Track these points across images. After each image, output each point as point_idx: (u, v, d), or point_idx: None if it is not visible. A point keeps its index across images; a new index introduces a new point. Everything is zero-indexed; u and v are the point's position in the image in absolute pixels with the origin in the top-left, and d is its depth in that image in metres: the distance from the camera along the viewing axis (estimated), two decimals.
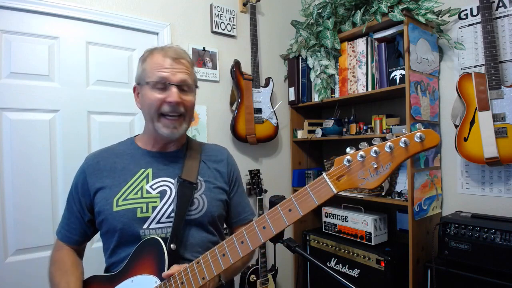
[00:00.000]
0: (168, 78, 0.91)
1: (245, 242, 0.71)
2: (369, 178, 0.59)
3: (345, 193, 2.11)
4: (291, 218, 0.66)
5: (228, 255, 0.74)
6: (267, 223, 0.69)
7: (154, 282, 0.84)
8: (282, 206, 0.67)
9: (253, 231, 0.71)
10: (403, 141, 0.57)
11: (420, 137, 0.55)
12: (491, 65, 1.59)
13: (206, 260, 0.77)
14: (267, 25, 2.51)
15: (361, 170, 0.60)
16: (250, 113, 2.21)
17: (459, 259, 1.54)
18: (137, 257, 0.88)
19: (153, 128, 0.96)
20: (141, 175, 0.96)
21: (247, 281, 2.15)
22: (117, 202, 0.91)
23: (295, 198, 0.65)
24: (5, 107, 1.56)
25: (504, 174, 1.69)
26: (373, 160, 0.59)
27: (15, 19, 1.58)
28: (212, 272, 0.75)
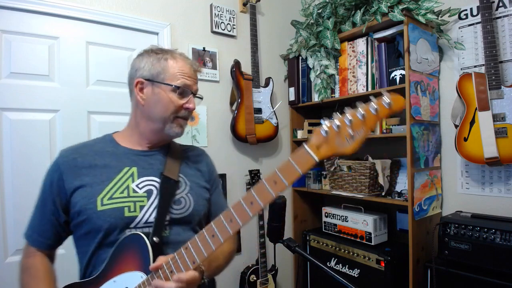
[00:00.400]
0: (191, 86, 0.96)
1: (234, 220, 0.72)
2: (345, 144, 0.65)
3: (345, 193, 2.11)
4: (277, 189, 0.68)
5: (217, 235, 0.73)
6: (254, 198, 0.69)
7: (139, 277, 0.81)
8: (267, 180, 0.69)
9: (241, 208, 0.71)
10: (373, 108, 0.63)
11: (387, 103, 0.62)
12: (491, 65, 1.59)
13: (195, 243, 0.76)
14: (267, 25, 2.51)
15: (337, 137, 0.65)
16: (250, 113, 2.21)
17: (459, 259, 1.54)
18: (117, 255, 0.85)
19: (158, 128, 0.95)
20: (125, 173, 0.92)
21: (247, 281, 2.15)
22: (102, 201, 0.87)
23: (279, 170, 0.67)
24: (5, 107, 1.56)
25: (504, 174, 1.69)
26: (347, 128, 0.64)
27: (15, 19, 1.58)
28: (203, 255, 0.75)
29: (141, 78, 0.94)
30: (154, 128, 0.96)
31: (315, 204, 2.64)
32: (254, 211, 0.70)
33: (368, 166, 1.95)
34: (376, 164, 1.96)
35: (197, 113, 2.12)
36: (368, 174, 1.96)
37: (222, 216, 0.74)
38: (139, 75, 0.95)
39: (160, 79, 0.93)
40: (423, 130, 1.80)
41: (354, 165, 2.04)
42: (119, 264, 0.84)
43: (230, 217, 0.72)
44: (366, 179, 1.97)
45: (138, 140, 0.99)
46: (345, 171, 2.12)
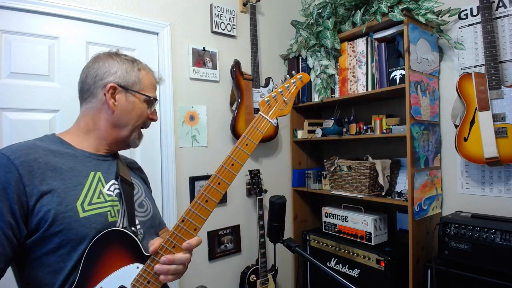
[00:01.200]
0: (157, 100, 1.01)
1: (222, 182, 0.86)
2: (283, 108, 0.96)
3: (345, 193, 2.11)
4: (249, 149, 0.89)
5: (211, 199, 0.84)
6: (234, 160, 0.87)
7: (135, 268, 0.79)
8: (240, 144, 0.89)
9: (225, 171, 0.86)
10: (293, 82, 1.00)
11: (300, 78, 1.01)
12: (491, 65, 1.59)
13: (191, 214, 0.83)
14: (267, 25, 2.52)
15: (276, 104, 0.96)
16: (250, 113, 2.21)
17: (459, 259, 1.54)
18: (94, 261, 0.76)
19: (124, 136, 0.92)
20: (93, 178, 0.86)
21: (247, 281, 2.15)
22: (82, 207, 0.79)
23: (247, 134, 0.90)
24: (5, 107, 1.56)
25: (504, 174, 1.69)
26: (281, 96, 0.97)
27: (15, 19, 1.58)
28: (202, 220, 0.84)
29: (115, 83, 0.89)
30: (119, 136, 0.92)
31: (315, 204, 2.64)
32: (236, 170, 0.87)
33: (368, 166, 1.95)
34: (376, 164, 1.96)
35: (197, 113, 2.12)
36: (368, 174, 1.96)
37: (209, 181, 0.84)
38: (112, 80, 0.89)
39: (136, 88, 0.93)
40: (423, 130, 1.80)
41: (354, 165, 2.04)
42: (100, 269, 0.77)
43: (218, 181, 0.85)
44: (366, 179, 1.97)
45: (95, 144, 0.92)
46: (345, 171, 2.12)
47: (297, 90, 0.99)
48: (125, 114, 0.91)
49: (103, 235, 0.78)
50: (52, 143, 0.86)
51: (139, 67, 0.96)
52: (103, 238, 0.78)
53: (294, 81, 0.99)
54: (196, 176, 2.07)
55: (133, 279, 0.79)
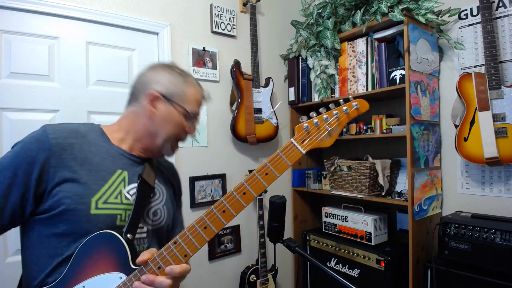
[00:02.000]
0: (199, 114, 0.97)
1: (227, 211, 0.75)
2: (324, 139, 0.78)
3: (345, 193, 2.11)
4: (269, 180, 0.76)
5: (210, 226, 0.75)
6: (247, 189, 0.76)
7: (118, 278, 0.75)
8: (258, 172, 0.76)
9: (234, 199, 0.76)
10: (345, 110, 0.78)
11: (356, 105, 0.78)
12: (491, 65, 1.59)
13: (186, 237, 0.76)
14: (267, 25, 2.51)
15: (317, 133, 0.78)
16: (250, 113, 2.21)
17: (459, 259, 1.54)
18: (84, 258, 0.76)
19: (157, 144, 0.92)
20: (118, 176, 0.86)
21: (247, 281, 2.15)
22: (96, 204, 0.79)
23: (270, 163, 0.76)
24: (5, 107, 1.56)
25: (504, 174, 1.69)
26: (325, 125, 0.78)
27: (15, 19, 1.58)
28: (195, 247, 0.76)
29: (158, 92, 0.89)
30: (153, 143, 0.92)
31: (315, 204, 2.64)
32: (247, 201, 0.75)
33: (368, 166, 1.95)
34: (376, 164, 1.96)
35: None
36: (368, 174, 1.96)
37: (214, 207, 0.76)
38: (155, 88, 0.90)
39: (178, 100, 0.91)
40: (423, 130, 1.80)
41: (354, 165, 2.04)
42: (88, 267, 0.76)
43: (223, 208, 0.75)
44: (366, 179, 1.97)
45: (131, 144, 0.93)
46: (345, 171, 2.12)
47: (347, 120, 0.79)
48: (161, 123, 0.90)
49: (97, 235, 0.77)
50: (93, 132, 0.89)
51: (186, 80, 0.94)
52: (97, 238, 0.77)
53: (346, 109, 0.77)
54: (196, 176, 2.07)
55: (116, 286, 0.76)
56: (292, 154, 0.77)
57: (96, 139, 0.87)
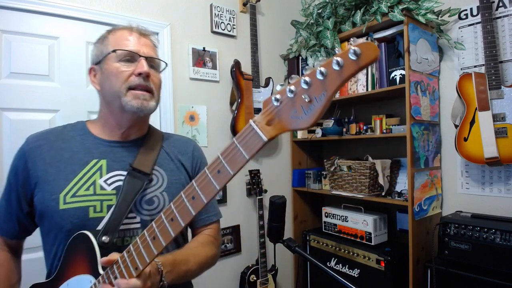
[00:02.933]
0: (137, 49, 0.85)
1: (175, 219, 0.60)
2: (302, 116, 0.48)
3: (345, 193, 2.11)
4: (221, 180, 0.55)
5: (159, 237, 0.62)
6: (196, 192, 0.57)
7: (89, 281, 0.74)
8: (209, 169, 0.56)
9: (182, 204, 0.59)
10: (335, 62, 0.44)
11: (354, 52, 0.43)
12: (491, 65, 1.59)
13: (137, 247, 0.66)
14: (267, 25, 2.51)
15: (292, 108, 0.49)
16: (250, 113, 2.21)
17: (459, 259, 1.54)
18: (69, 257, 0.78)
19: (118, 106, 0.83)
20: (92, 166, 0.83)
21: (247, 281, 2.15)
22: (64, 199, 0.79)
23: (223, 156, 0.55)
24: (5, 107, 1.56)
25: (504, 174, 1.69)
26: (304, 93, 0.48)
27: (15, 19, 1.58)
28: (145, 261, 0.64)
29: (91, 65, 0.90)
30: (114, 109, 0.85)
31: (315, 204, 2.64)
32: (196, 208, 0.58)
33: (368, 166, 1.95)
34: (376, 164, 1.96)
35: (197, 113, 2.12)
36: (368, 174, 1.96)
37: (163, 214, 0.62)
38: (91, 63, 0.90)
39: (103, 54, 0.85)
40: (423, 130, 1.80)
41: (354, 165, 2.04)
42: (71, 266, 0.77)
43: (171, 216, 0.61)
44: (366, 179, 1.97)
45: (108, 130, 0.89)
46: (345, 171, 2.12)
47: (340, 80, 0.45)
48: (105, 84, 0.85)
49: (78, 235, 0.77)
50: (72, 130, 0.90)
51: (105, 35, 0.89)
52: (78, 238, 0.77)
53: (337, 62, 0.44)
54: None
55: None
56: (251, 142, 0.51)
57: (72, 135, 0.88)
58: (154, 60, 0.89)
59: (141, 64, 0.83)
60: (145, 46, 0.87)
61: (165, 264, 0.76)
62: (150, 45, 0.89)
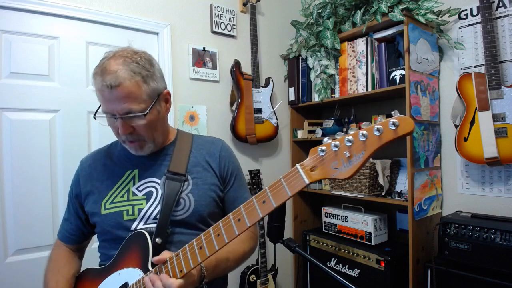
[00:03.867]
0: (111, 110, 0.84)
1: (221, 235, 0.71)
2: (342, 168, 0.58)
3: (345, 193, 2.11)
4: (265, 210, 0.66)
5: (205, 247, 0.73)
6: (242, 215, 0.69)
7: (138, 275, 0.84)
8: (256, 198, 0.67)
9: (228, 224, 0.71)
10: (376, 129, 0.55)
11: (394, 123, 0.53)
12: (491, 65, 1.59)
13: (185, 253, 0.76)
14: (267, 25, 2.51)
15: (334, 160, 0.59)
16: (250, 113, 2.21)
17: (459, 259, 1.53)
18: (124, 251, 0.89)
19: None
20: (127, 177, 0.96)
21: (247, 281, 2.15)
22: (105, 205, 0.93)
23: (270, 189, 0.65)
24: (5, 107, 1.56)
25: (504, 174, 1.69)
26: (346, 149, 0.58)
27: (15, 19, 1.58)
28: (189, 265, 0.75)
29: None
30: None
31: (315, 204, 2.64)
32: (240, 229, 0.69)
33: (368, 166, 1.95)
34: (376, 164, 1.96)
35: (197, 113, 2.12)
36: (368, 174, 1.96)
37: (212, 229, 0.74)
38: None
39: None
40: (423, 130, 1.80)
41: None
42: (125, 259, 0.89)
43: (218, 232, 0.72)
44: (366, 179, 1.97)
45: None
46: None
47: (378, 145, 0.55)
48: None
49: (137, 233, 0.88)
50: (113, 147, 1.05)
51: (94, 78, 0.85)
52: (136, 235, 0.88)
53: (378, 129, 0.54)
54: None
55: (134, 281, 0.85)
56: (295, 183, 0.62)
57: (113, 152, 1.03)
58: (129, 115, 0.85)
59: (119, 125, 0.85)
60: (118, 101, 0.82)
61: (208, 267, 0.85)
62: (123, 96, 0.82)
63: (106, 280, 0.90)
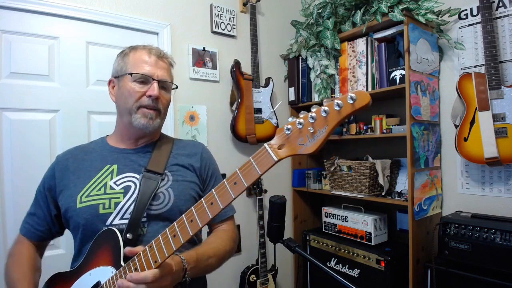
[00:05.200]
0: (151, 73, 0.95)
1: (194, 220, 0.70)
2: (307, 144, 0.61)
3: (345, 193, 2.11)
4: (237, 190, 0.66)
5: (179, 235, 0.71)
6: (215, 199, 0.68)
7: (110, 272, 0.83)
8: (228, 180, 0.67)
9: (201, 208, 0.70)
10: (336, 104, 0.58)
11: (351, 97, 0.56)
12: (491, 65, 1.59)
13: (158, 243, 0.74)
14: (267, 25, 2.51)
15: (299, 137, 0.62)
16: (250, 113, 2.21)
17: (459, 259, 1.54)
18: (94, 249, 0.88)
19: (128, 121, 0.97)
20: (105, 171, 0.96)
21: (247, 281, 2.15)
22: (80, 199, 0.91)
23: (240, 170, 0.66)
24: (5, 107, 1.56)
25: (504, 174, 1.69)
26: (309, 126, 0.60)
27: (15, 19, 1.58)
28: (164, 255, 0.73)
29: (111, 78, 1.02)
30: (125, 122, 0.98)
31: (315, 204, 2.64)
32: (213, 212, 0.69)
33: (368, 166, 1.95)
34: (376, 164, 1.96)
35: (197, 113, 2.12)
36: (368, 174, 1.96)
37: (184, 215, 0.72)
38: (112, 75, 1.02)
39: (123, 72, 0.97)
40: (423, 130, 1.80)
41: (354, 165, 2.04)
42: (95, 258, 0.87)
43: (191, 218, 0.71)
44: (366, 179, 1.97)
45: (122, 138, 1.02)
46: (345, 171, 2.12)
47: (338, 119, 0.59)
48: (119, 100, 0.98)
49: (106, 231, 0.87)
50: (94, 144, 1.05)
51: (126, 52, 0.99)
52: (105, 233, 0.86)
53: (338, 103, 0.58)
54: None
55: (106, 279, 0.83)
56: (264, 161, 0.64)
57: (93, 147, 1.03)
58: (166, 82, 0.99)
59: (153, 87, 0.94)
60: (160, 69, 0.97)
61: (190, 261, 0.83)
62: (165, 67, 0.99)
63: (77, 282, 0.87)
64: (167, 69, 1.00)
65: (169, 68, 1.02)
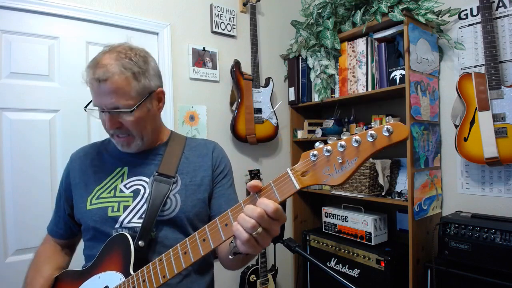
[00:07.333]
0: (99, 104, 0.86)
1: (207, 240, 0.67)
2: (333, 174, 0.56)
3: (345, 193, 2.11)
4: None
5: (189, 252, 0.69)
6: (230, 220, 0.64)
7: (119, 279, 0.82)
8: (245, 202, 0.64)
9: (215, 228, 0.66)
10: (370, 135, 0.53)
11: (387, 130, 0.52)
12: (491, 65, 1.59)
13: (168, 257, 0.72)
14: (267, 25, 2.51)
15: (326, 165, 0.57)
16: (250, 113, 2.21)
17: (459, 259, 1.53)
18: (105, 253, 0.87)
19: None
20: (116, 173, 0.95)
21: (247, 281, 2.15)
22: (90, 201, 0.92)
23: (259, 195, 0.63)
24: (5, 107, 1.56)
25: (504, 174, 1.69)
26: (338, 155, 0.56)
27: (15, 19, 1.58)
28: (173, 271, 0.71)
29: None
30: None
31: (315, 204, 2.64)
32: (227, 235, 0.65)
33: (368, 166, 1.95)
34: (376, 164, 1.96)
35: (197, 113, 2.12)
36: (368, 174, 1.96)
37: (197, 233, 0.69)
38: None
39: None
40: (423, 130, 1.80)
41: None
42: (106, 261, 0.86)
43: (204, 237, 0.67)
44: (366, 179, 1.97)
45: None
46: None
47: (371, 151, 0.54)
48: None
49: (118, 235, 0.86)
50: (108, 143, 1.03)
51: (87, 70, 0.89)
52: (117, 238, 0.86)
53: (371, 135, 0.54)
54: None
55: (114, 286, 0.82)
56: (285, 188, 0.60)
57: (106, 148, 1.02)
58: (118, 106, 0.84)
59: (107, 119, 0.86)
60: (105, 96, 0.84)
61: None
62: (110, 91, 0.83)
63: (86, 283, 0.87)
64: (115, 90, 0.82)
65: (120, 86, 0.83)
